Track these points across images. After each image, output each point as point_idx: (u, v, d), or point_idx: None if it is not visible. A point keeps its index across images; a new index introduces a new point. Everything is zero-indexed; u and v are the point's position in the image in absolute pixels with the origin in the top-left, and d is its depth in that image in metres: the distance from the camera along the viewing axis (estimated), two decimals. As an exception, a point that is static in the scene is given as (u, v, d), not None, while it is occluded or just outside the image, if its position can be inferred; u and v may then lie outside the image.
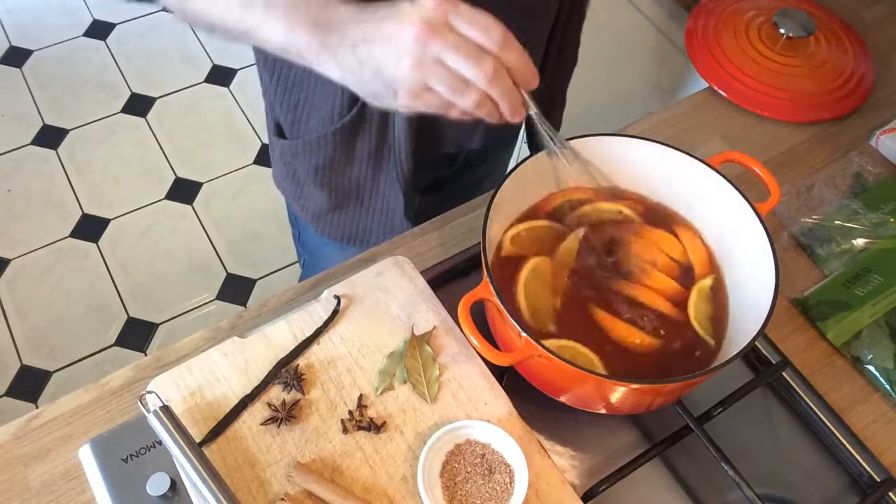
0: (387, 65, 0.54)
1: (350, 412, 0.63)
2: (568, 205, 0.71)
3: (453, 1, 0.53)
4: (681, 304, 0.67)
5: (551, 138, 0.64)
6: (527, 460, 0.61)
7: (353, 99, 0.78)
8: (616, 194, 0.73)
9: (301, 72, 0.81)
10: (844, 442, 0.68)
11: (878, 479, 0.66)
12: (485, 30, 0.53)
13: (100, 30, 2.33)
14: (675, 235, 0.71)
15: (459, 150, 0.89)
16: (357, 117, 0.79)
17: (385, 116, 0.78)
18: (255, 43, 0.60)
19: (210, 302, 1.86)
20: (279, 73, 0.83)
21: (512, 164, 0.71)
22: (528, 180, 0.68)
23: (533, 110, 0.60)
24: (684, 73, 1.18)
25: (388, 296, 0.69)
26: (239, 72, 2.29)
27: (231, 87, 2.26)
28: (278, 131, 0.90)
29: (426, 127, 0.81)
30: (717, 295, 0.68)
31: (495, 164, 1.08)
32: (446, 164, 0.96)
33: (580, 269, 0.68)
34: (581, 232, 0.69)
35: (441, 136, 0.86)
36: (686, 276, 0.69)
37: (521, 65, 0.55)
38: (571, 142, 0.68)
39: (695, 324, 0.65)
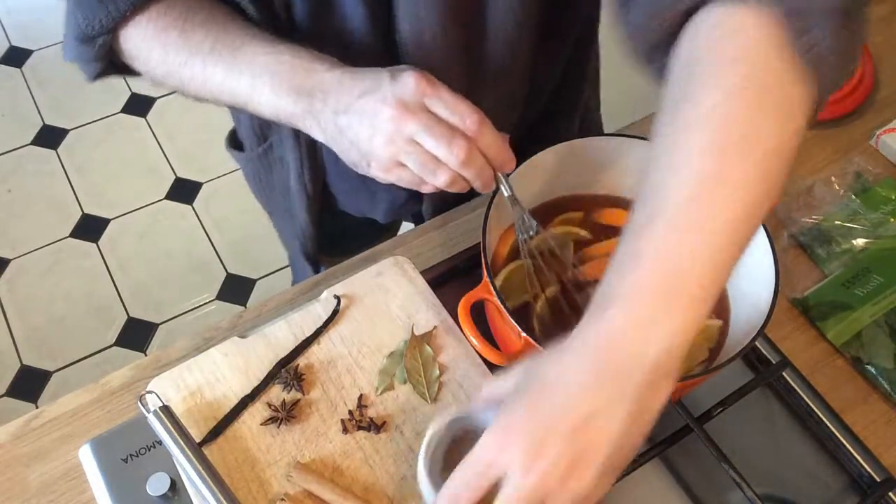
0: (361, 138, 0.55)
1: (350, 412, 0.63)
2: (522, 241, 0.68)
3: (434, 85, 0.54)
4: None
5: (522, 218, 0.63)
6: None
7: (262, 136, 0.82)
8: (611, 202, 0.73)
9: None
10: (844, 442, 0.68)
11: (878, 479, 0.66)
12: (461, 114, 0.54)
13: (100, 30, 2.34)
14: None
15: (362, 216, 0.92)
16: (265, 154, 0.83)
17: (285, 165, 0.81)
18: (250, 111, 0.62)
19: (210, 302, 1.86)
20: None
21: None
22: (528, 180, 0.68)
23: (506, 193, 0.61)
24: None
25: (388, 296, 0.69)
26: (239, 72, 2.29)
27: (231, 87, 2.26)
28: (230, 141, 0.93)
29: (324, 193, 0.84)
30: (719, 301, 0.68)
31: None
32: (403, 203, 0.95)
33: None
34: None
35: (339, 199, 0.89)
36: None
37: (496, 149, 0.56)
38: (572, 142, 0.68)
39: None
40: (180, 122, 2.18)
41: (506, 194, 0.61)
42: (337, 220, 0.90)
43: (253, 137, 0.83)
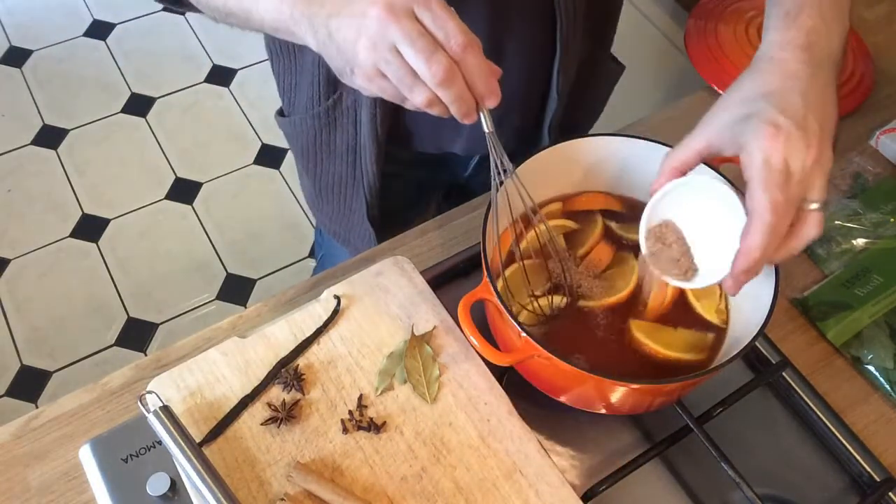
0: (347, 41, 0.53)
1: (350, 412, 0.63)
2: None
3: None
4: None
5: (498, 163, 0.59)
6: (526, 460, 0.61)
7: (330, 89, 0.79)
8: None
9: (290, 55, 0.82)
10: (844, 442, 0.68)
11: (878, 479, 0.66)
12: (448, 30, 0.51)
13: (100, 30, 2.33)
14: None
15: (440, 151, 0.89)
16: (332, 108, 0.80)
17: (356, 114, 0.79)
18: (256, 26, 0.60)
19: (210, 302, 1.86)
20: (276, 54, 0.85)
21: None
22: (528, 181, 0.68)
23: (488, 128, 0.56)
24: (684, 73, 1.18)
25: (388, 296, 0.69)
26: (239, 72, 2.29)
27: (231, 87, 2.26)
28: (280, 111, 0.92)
29: (396, 126, 0.81)
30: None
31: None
32: (459, 167, 0.95)
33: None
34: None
35: (417, 135, 0.86)
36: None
37: (481, 77, 0.52)
38: (572, 141, 0.68)
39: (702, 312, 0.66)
40: (180, 122, 2.18)
41: (486, 130, 0.56)
42: (390, 191, 0.88)
43: (319, 93, 0.80)
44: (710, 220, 0.58)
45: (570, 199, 0.73)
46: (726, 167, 0.68)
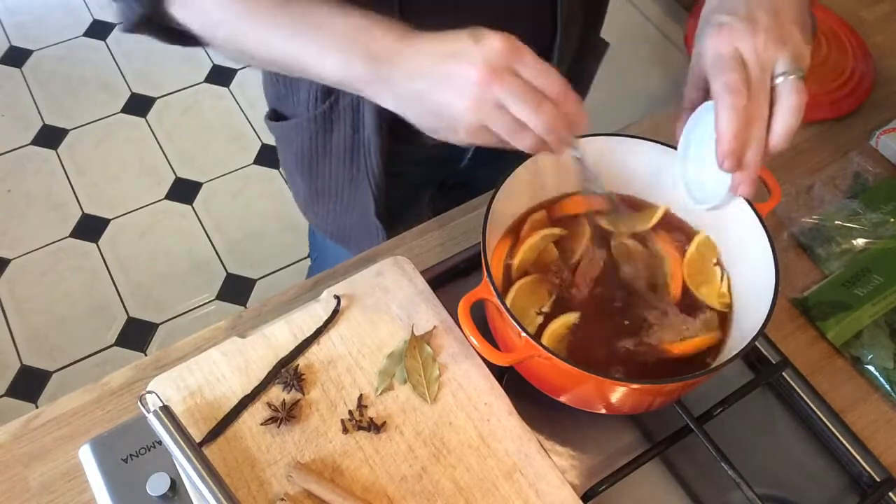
0: (446, 103, 0.54)
1: (350, 412, 0.63)
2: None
3: (520, 48, 0.53)
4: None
5: (591, 180, 0.66)
6: (526, 460, 0.61)
7: (327, 92, 0.79)
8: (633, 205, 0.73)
9: None
10: (844, 442, 0.68)
11: (878, 479, 0.66)
12: (547, 78, 0.53)
13: (100, 30, 2.33)
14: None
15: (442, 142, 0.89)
16: (329, 110, 0.81)
17: (356, 113, 0.79)
18: (309, 75, 0.60)
19: (210, 302, 1.86)
20: None
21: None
22: (529, 181, 0.68)
23: (579, 154, 0.61)
24: (684, 73, 1.18)
25: (388, 296, 0.69)
26: (239, 72, 2.29)
27: (231, 87, 2.26)
28: (272, 115, 0.92)
29: (399, 122, 0.82)
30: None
31: (510, 162, 1.08)
32: (451, 162, 0.96)
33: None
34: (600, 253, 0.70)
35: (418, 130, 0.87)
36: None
37: (576, 113, 0.55)
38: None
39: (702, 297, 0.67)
40: (180, 122, 2.18)
41: (578, 154, 0.61)
42: (394, 188, 0.89)
43: (316, 97, 0.81)
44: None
45: (554, 204, 0.72)
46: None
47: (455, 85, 0.53)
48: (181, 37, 0.64)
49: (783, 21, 0.57)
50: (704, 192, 0.64)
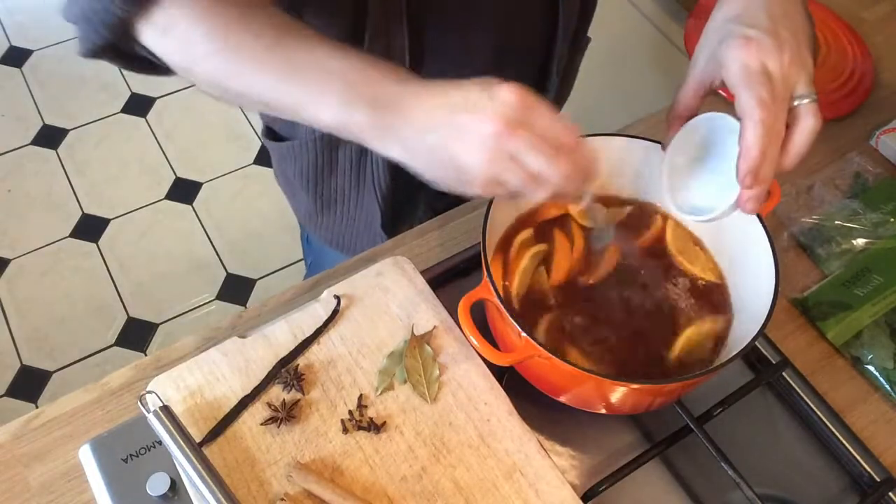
0: (460, 157, 0.52)
1: (350, 412, 0.63)
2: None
3: (531, 100, 0.52)
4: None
5: (597, 226, 0.67)
6: (526, 460, 0.61)
7: None
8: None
9: None
10: (844, 442, 0.68)
11: (878, 479, 0.66)
12: (558, 130, 0.52)
13: (100, 30, 2.33)
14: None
15: None
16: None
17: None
18: (301, 119, 0.56)
19: (210, 302, 1.86)
20: None
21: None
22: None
23: (588, 202, 0.60)
24: (684, 73, 1.18)
25: (388, 296, 0.69)
26: (239, 72, 2.29)
27: (231, 87, 2.26)
28: (268, 133, 0.91)
29: None
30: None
31: None
32: None
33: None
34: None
35: None
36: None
37: (590, 162, 0.55)
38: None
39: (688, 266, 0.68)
40: (180, 122, 2.18)
41: (588, 202, 0.60)
42: (397, 193, 0.88)
43: None
44: (721, 154, 0.61)
45: (534, 214, 0.71)
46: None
47: (470, 138, 0.51)
48: (148, 66, 0.59)
49: (800, 42, 0.57)
50: (696, 203, 0.64)
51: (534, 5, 0.78)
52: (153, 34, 0.55)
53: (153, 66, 0.59)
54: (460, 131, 0.51)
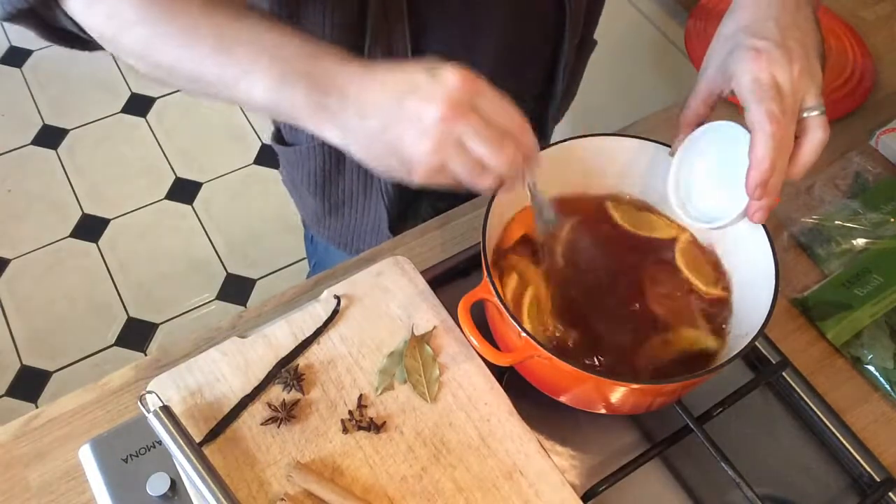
0: (404, 143, 0.50)
1: (350, 412, 0.63)
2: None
3: (477, 82, 0.50)
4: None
5: (541, 212, 0.64)
6: (526, 460, 0.61)
7: None
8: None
9: None
10: (844, 442, 0.68)
11: (878, 479, 0.66)
12: (509, 115, 0.51)
13: (100, 30, 2.34)
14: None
15: None
16: None
17: None
18: (232, 99, 0.53)
19: (210, 302, 1.86)
20: None
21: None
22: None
23: (532, 187, 0.60)
24: (684, 73, 1.18)
25: (388, 296, 0.69)
26: (239, 72, 2.29)
27: (231, 87, 2.26)
28: (277, 137, 0.91)
29: None
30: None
31: None
32: None
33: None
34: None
35: None
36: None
37: (534, 149, 0.53)
38: (572, 141, 0.68)
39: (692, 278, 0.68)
40: (180, 121, 2.18)
41: (531, 188, 0.60)
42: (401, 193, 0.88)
43: None
44: (730, 163, 0.61)
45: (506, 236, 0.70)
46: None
47: (414, 123, 0.49)
48: (67, 37, 0.57)
49: (809, 53, 0.57)
50: (703, 209, 0.65)
51: (541, 6, 0.78)
52: (80, 1, 0.52)
53: (75, 37, 0.56)
54: (403, 116, 0.49)
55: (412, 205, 0.92)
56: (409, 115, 0.49)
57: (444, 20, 0.73)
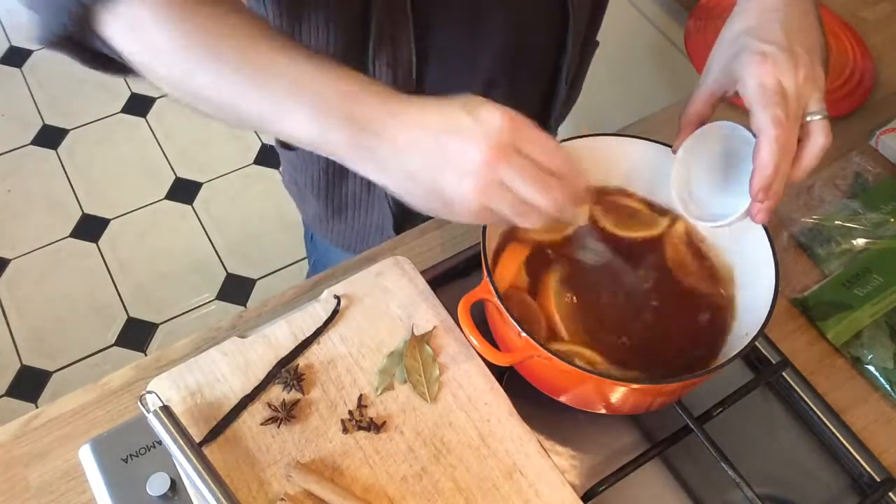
0: (446, 184, 0.49)
1: (350, 412, 0.63)
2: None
3: (519, 122, 0.49)
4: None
5: (584, 243, 0.66)
6: (526, 460, 0.61)
7: None
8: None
9: None
10: (844, 442, 0.68)
11: (878, 479, 0.66)
12: (551, 152, 0.50)
13: (100, 30, 2.33)
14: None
15: None
16: None
17: None
18: (273, 133, 0.53)
19: (210, 302, 1.86)
20: None
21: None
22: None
23: (582, 222, 0.62)
24: (684, 73, 1.18)
25: (388, 296, 0.69)
26: (239, 72, 2.29)
27: (231, 87, 2.26)
28: (280, 140, 0.91)
29: None
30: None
31: None
32: None
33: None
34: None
35: None
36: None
37: (581, 186, 0.53)
38: (572, 142, 0.68)
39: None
40: (180, 122, 2.18)
41: (581, 223, 0.62)
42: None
43: None
44: (732, 163, 0.63)
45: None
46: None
47: (457, 166, 0.48)
48: (106, 62, 0.56)
49: (814, 58, 0.57)
50: (705, 208, 0.65)
51: (545, 6, 0.78)
52: (117, 29, 0.51)
53: (114, 63, 0.56)
54: (445, 158, 0.49)
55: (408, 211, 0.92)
56: (450, 157, 0.48)
57: (449, 20, 0.73)
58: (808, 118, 0.57)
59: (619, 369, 0.63)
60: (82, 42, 0.55)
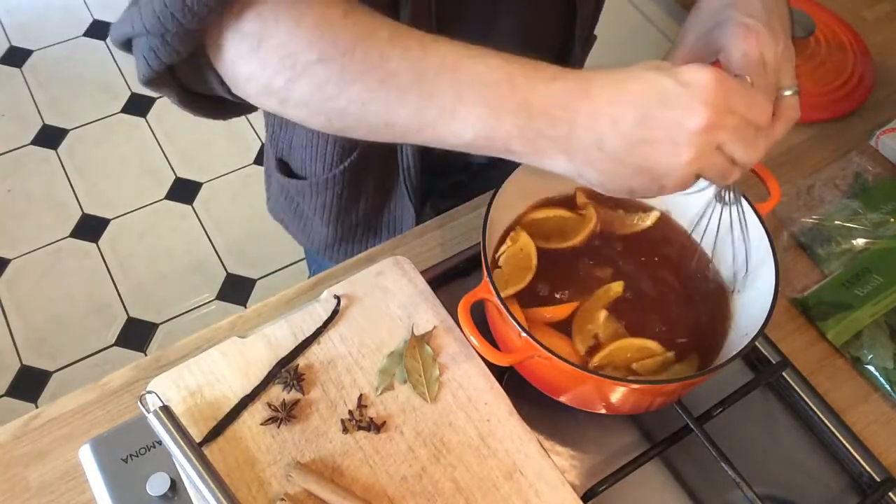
0: (660, 157, 0.46)
1: (350, 412, 0.63)
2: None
3: (724, 79, 0.46)
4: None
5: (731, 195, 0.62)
6: (526, 460, 0.61)
7: (352, 144, 0.77)
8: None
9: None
10: (844, 442, 0.68)
11: (878, 479, 0.66)
12: (759, 107, 0.48)
13: (100, 30, 2.33)
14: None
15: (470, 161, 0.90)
16: (361, 156, 0.78)
17: (391, 149, 0.78)
18: (427, 141, 0.48)
19: (210, 302, 1.86)
20: (278, 125, 0.83)
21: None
22: (530, 180, 0.68)
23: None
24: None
25: (388, 296, 0.69)
26: (239, 72, 2.29)
27: (231, 87, 2.26)
28: (281, 168, 0.88)
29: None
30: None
31: (513, 164, 1.08)
32: (461, 168, 0.96)
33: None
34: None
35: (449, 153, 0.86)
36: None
37: (778, 136, 0.54)
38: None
39: None
40: (180, 122, 2.18)
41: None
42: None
43: (338, 152, 0.75)
44: None
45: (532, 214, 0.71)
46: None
47: (672, 137, 0.45)
48: (208, 103, 0.53)
49: (787, 34, 0.59)
50: None
51: (554, 2, 0.78)
52: (242, 47, 0.46)
53: (218, 102, 0.53)
54: (656, 131, 0.45)
55: (422, 211, 0.92)
56: (664, 129, 0.46)
57: (468, 18, 0.72)
58: (783, 92, 0.57)
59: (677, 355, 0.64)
60: (186, 78, 0.51)
